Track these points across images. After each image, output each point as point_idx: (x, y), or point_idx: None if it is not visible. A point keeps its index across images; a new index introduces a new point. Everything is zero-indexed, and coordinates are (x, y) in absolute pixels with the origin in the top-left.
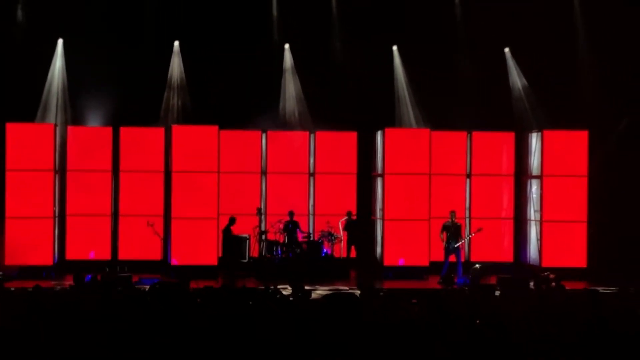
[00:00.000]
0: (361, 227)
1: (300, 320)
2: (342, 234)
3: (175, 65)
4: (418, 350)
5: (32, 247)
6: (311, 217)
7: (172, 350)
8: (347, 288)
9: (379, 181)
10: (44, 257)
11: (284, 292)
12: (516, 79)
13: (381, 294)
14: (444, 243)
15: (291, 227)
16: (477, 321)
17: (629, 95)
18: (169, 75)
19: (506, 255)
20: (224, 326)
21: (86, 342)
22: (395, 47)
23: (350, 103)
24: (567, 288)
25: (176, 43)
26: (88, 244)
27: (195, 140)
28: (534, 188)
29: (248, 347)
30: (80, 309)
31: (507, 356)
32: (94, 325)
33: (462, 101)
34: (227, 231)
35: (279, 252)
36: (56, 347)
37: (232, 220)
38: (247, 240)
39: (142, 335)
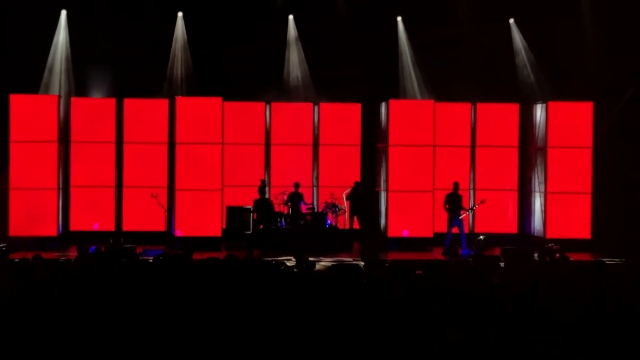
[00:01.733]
0: (364, 198)
1: (305, 292)
2: (345, 205)
3: (179, 37)
4: (421, 319)
5: (36, 218)
6: (315, 189)
7: (175, 321)
8: (351, 259)
9: (384, 153)
10: (48, 228)
11: (288, 264)
12: (521, 50)
13: (385, 265)
14: (448, 214)
15: (295, 198)
16: (481, 292)
17: (634, 66)
18: (172, 46)
19: (510, 226)
20: (227, 297)
21: (89, 313)
22: (399, 18)
23: (355, 74)
24: (571, 259)
25: (180, 14)
26: (92, 216)
27: (199, 112)
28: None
29: (251, 319)
30: (84, 279)
31: (510, 327)
32: (98, 296)
33: (466, 72)
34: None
35: (283, 223)
36: (58, 319)
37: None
38: (251, 212)
39: (146, 305)
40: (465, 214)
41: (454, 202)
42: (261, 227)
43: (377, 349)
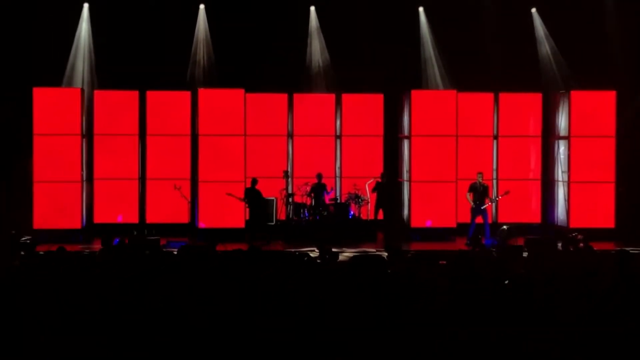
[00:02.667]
0: (389, 189)
1: (328, 282)
2: (369, 196)
3: (201, 29)
4: (445, 311)
5: (60, 211)
6: (338, 180)
7: (200, 312)
8: (374, 250)
9: (406, 143)
10: (72, 220)
11: (312, 255)
12: (543, 39)
13: (409, 255)
14: (472, 204)
15: (318, 189)
16: (506, 282)
17: None
18: (194, 39)
19: (534, 216)
20: (251, 288)
21: (114, 305)
22: (421, 8)
23: (377, 65)
24: (595, 249)
25: (202, 6)
26: (116, 208)
27: (222, 104)
28: (561, 149)
29: (275, 309)
30: (109, 271)
31: (535, 316)
32: (122, 288)
33: (489, 62)
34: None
35: (306, 214)
36: (84, 309)
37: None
38: (274, 203)
39: (170, 297)
40: (489, 205)
41: (477, 192)
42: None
43: (396, 348)
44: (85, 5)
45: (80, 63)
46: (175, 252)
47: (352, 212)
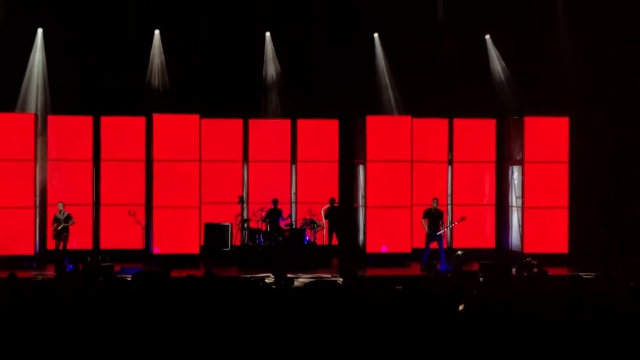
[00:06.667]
0: (342, 214)
1: (284, 308)
2: (324, 221)
3: (156, 54)
4: (401, 335)
5: (13, 237)
6: (293, 205)
7: (155, 338)
8: (329, 276)
9: (361, 168)
10: (25, 247)
11: (267, 280)
12: (497, 65)
13: (365, 280)
14: (427, 230)
15: (274, 215)
16: (461, 307)
17: (607, 82)
18: (149, 64)
19: (488, 241)
20: (207, 315)
21: (68, 332)
22: (376, 35)
23: (332, 90)
24: (549, 274)
25: (157, 32)
26: (70, 234)
27: (177, 129)
28: (515, 174)
29: (231, 336)
30: (61, 298)
31: (491, 341)
32: (76, 315)
33: (443, 88)
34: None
35: (262, 240)
36: (37, 337)
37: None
38: (229, 229)
39: (126, 324)
40: (443, 231)
41: (433, 218)
42: None
43: None
44: (39, 30)
45: (34, 87)
46: (130, 278)
47: (307, 238)
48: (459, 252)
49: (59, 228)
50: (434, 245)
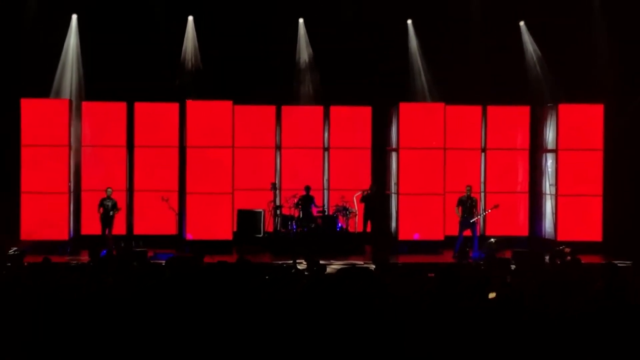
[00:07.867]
0: (378, 200)
1: (315, 294)
2: (357, 208)
3: (190, 40)
4: (433, 324)
5: (47, 222)
6: (326, 192)
7: (189, 324)
8: (362, 262)
9: (394, 155)
10: (60, 232)
11: (299, 267)
12: (531, 52)
13: (397, 267)
14: (460, 217)
15: (306, 201)
16: (492, 295)
17: None
18: (183, 50)
19: (521, 229)
20: (240, 301)
21: (101, 317)
22: (409, 21)
23: (365, 77)
24: (582, 262)
25: (190, 18)
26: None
27: (210, 116)
28: (549, 162)
29: (264, 321)
30: (96, 283)
31: (522, 329)
32: (110, 300)
33: (477, 75)
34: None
35: (294, 226)
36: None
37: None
38: (262, 215)
39: (159, 309)
40: (477, 218)
41: (465, 206)
42: None
43: None
44: (74, 17)
45: (68, 74)
46: (163, 264)
47: (339, 225)
48: (492, 240)
49: (111, 214)
50: (467, 232)
